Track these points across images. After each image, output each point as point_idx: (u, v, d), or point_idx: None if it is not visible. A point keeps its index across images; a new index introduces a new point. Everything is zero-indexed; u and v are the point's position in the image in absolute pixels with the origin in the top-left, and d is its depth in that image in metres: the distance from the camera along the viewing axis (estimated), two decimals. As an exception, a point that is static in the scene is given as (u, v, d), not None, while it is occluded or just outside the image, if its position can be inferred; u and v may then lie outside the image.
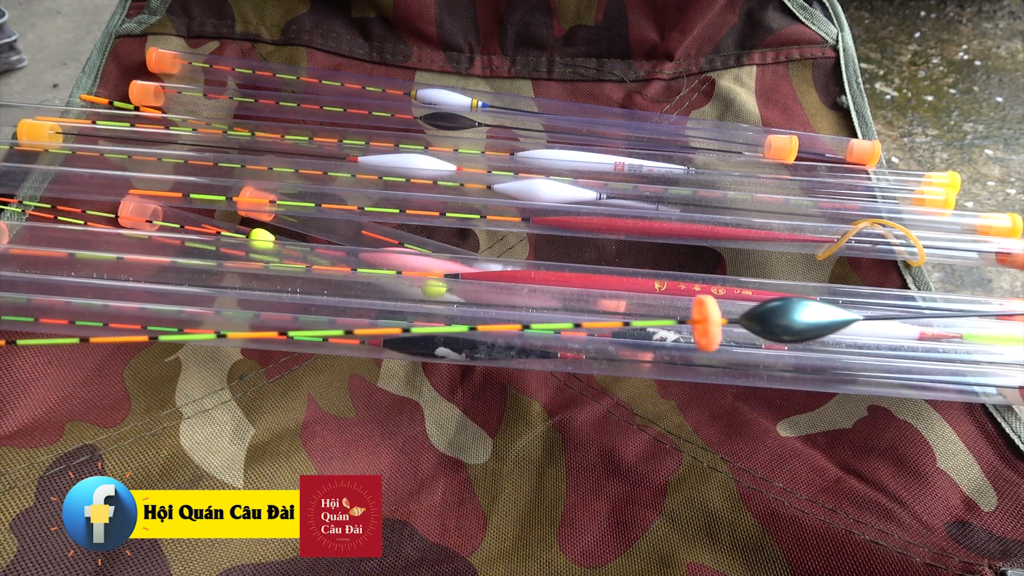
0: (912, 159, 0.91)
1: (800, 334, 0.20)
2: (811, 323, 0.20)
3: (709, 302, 0.20)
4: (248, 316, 0.33)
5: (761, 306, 0.20)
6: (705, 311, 0.20)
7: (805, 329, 0.20)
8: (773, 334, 0.20)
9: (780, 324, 0.20)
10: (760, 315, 0.20)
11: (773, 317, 0.20)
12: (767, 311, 0.20)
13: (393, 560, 0.31)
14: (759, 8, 0.50)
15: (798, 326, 0.20)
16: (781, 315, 0.20)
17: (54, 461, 0.31)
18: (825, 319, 0.20)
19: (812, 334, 0.20)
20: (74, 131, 0.42)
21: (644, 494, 0.33)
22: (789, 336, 0.20)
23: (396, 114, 0.46)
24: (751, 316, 0.20)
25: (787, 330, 0.20)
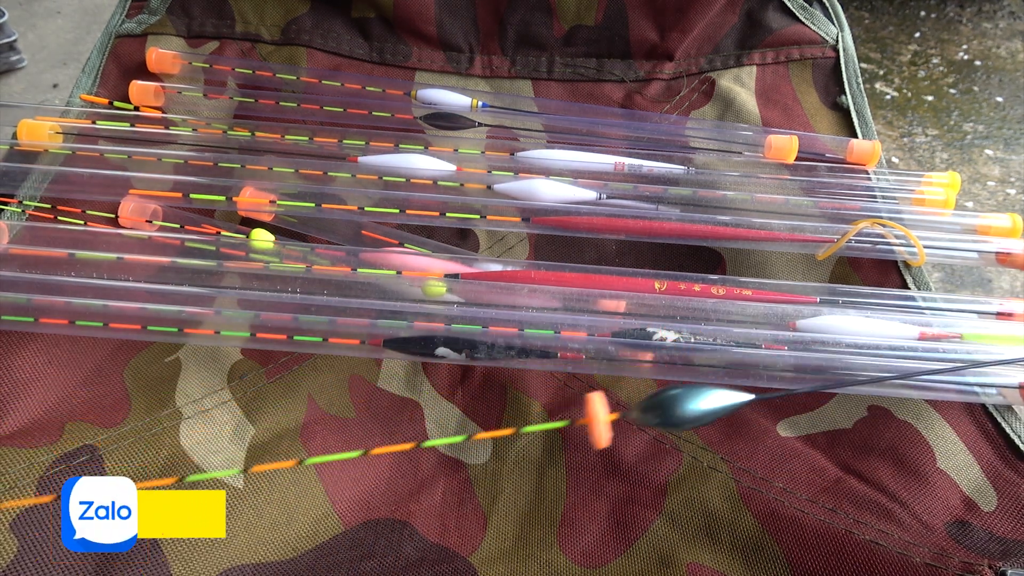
0: (912, 159, 0.91)
1: (696, 420, 0.20)
2: (706, 410, 0.20)
3: (595, 402, 0.20)
4: (248, 316, 0.33)
5: (654, 397, 0.20)
6: (592, 410, 0.19)
7: (700, 415, 0.20)
8: (672, 424, 0.20)
9: (675, 414, 0.20)
10: (654, 406, 0.20)
11: (667, 408, 0.20)
12: (660, 402, 0.20)
13: (393, 560, 0.31)
14: (759, 8, 0.50)
15: (692, 414, 0.20)
16: (675, 405, 0.20)
17: (54, 461, 0.31)
18: (719, 404, 0.20)
19: (708, 418, 0.20)
20: (74, 131, 0.42)
21: (644, 494, 0.33)
22: (686, 423, 0.20)
23: (396, 114, 0.46)
24: (645, 408, 0.20)
25: (683, 419, 0.20)
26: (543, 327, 0.32)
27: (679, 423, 0.20)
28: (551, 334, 0.32)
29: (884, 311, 0.35)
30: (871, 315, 0.34)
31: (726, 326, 0.33)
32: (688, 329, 0.32)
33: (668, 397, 0.20)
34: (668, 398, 0.20)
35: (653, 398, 0.20)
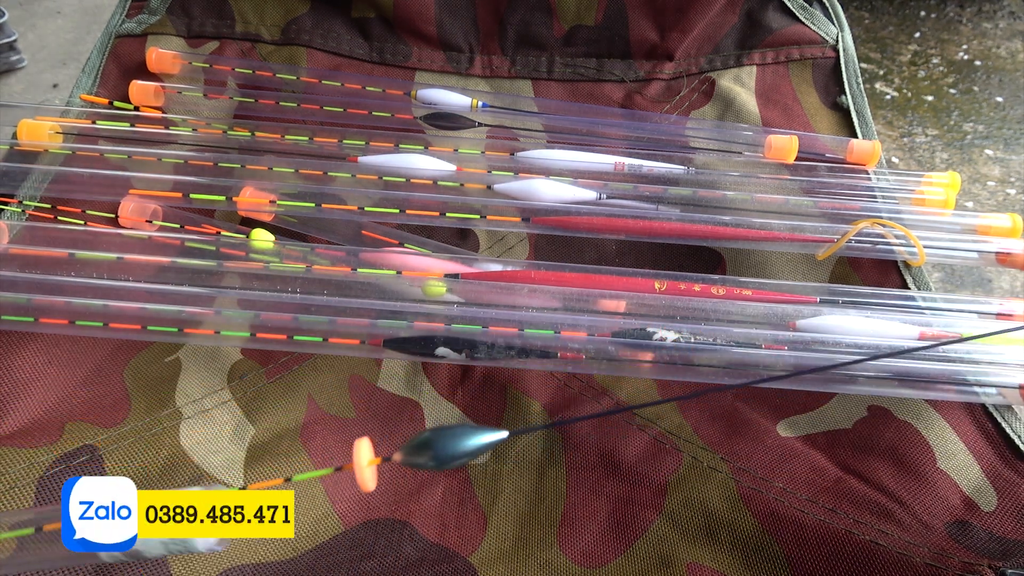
0: (912, 159, 0.91)
1: (461, 458, 0.20)
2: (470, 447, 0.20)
3: (360, 448, 0.20)
4: (248, 316, 0.33)
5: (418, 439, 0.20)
6: (356, 455, 0.20)
7: (465, 453, 0.20)
8: (440, 461, 0.20)
9: (443, 453, 0.20)
10: (420, 447, 0.20)
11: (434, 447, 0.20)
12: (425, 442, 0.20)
13: (393, 560, 0.31)
14: (759, 8, 0.50)
15: (458, 452, 0.20)
16: (440, 444, 0.20)
17: (54, 461, 0.31)
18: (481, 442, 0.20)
19: (471, 456, 0.20)
20: (74, 131, 0.42)
21: (644, 494, 0.33)
22: (452, 461, 0.20)
23: (396, 114, 0.46)
24: (410, 451, 0.20)
25: (450, 457, 0.20)
26: (543, 327, 0.32)
27: (446, 461, 0.20)
28: (551, 334, 0.32)
29: (884, 311, 0.35)
30: (871, 315, 0.34)
31: (726, 326, 0.33)
32: (688, 329, 0.32)
33: (432, 438, 0.20)
34: (432, 439, 0.20)
35: (417, 440, 0.20)
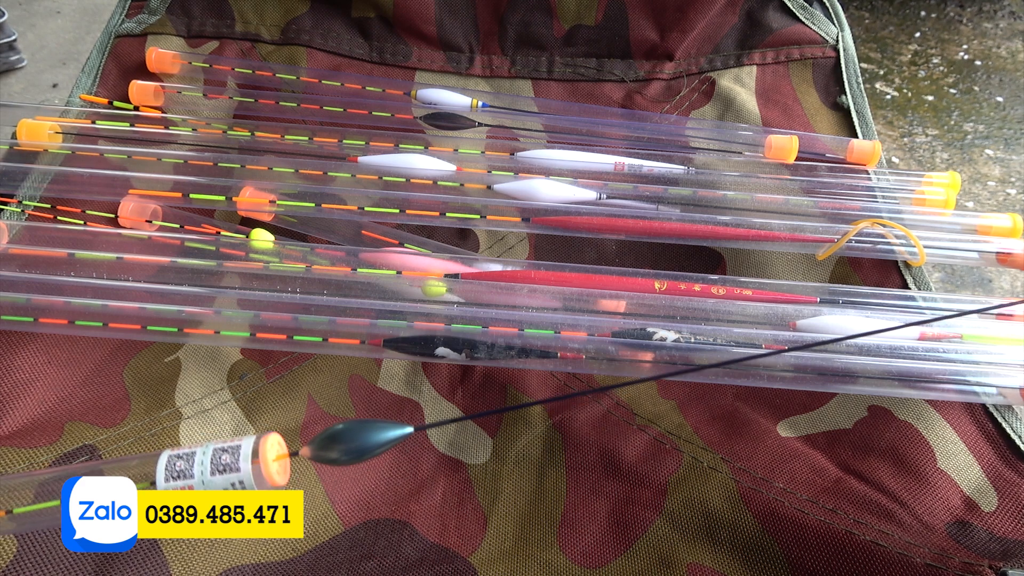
0: (912, 159, 0.91)
1: (367, 452, 0.20)
2: (376, 441, 0.20)
3: (267, 443, 0.19)
4: (248, 316, 0.33)
5: (326, 433, 0.20)
6: (262, 451, 0.19)
7: (371, 447, 0.20)
8: (350, 455, 0.20)
9: (351, 447, 0.19)
10: (329, 440, 0.20)
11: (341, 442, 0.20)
12: (333, 436, 0.20)
13: (393, 560, 0.31)
14: (759, 8, 0.50)
15: (366, 445, 0.20)
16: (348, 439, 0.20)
17: (54, 461, 0.31)
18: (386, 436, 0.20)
19: (378, 450, 0.20)
20: (74, 131, 0.42)
21: (644, 494, 0.33)
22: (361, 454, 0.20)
23: (396, 114, 0.46)
24: (320, 445, 0.20)
25: (359, 451, 0.20)
26: (543, 327, 0.32)
27: (355, 455, 0.20)
28: (551, 334, 0.32)
29: (884, 311, 0.35)
30: (871, 315, 0.34)
31: (726, 326, 0.33)
32: (688, 329, 0.32)
33: (339, 432, 0.20)
34: (340, 433, 0.20)
35: (325, 434, 0.20)
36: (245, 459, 0.18)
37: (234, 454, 0.18)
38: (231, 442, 0.18)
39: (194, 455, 0.18)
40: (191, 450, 0.18)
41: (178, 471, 0.18)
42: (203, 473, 0.18)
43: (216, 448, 0.18)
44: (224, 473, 0.18)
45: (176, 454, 0.18)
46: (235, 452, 0.18)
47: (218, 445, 0.18)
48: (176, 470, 0.18)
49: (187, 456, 0.18)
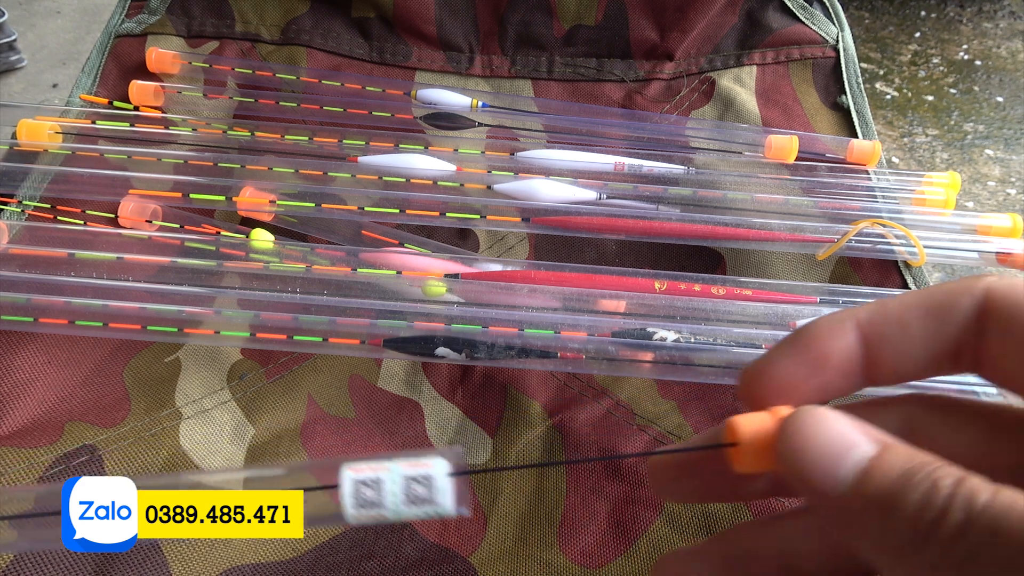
0: (912, 159, 0.91)
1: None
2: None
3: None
4: (248, 316, 0.33)
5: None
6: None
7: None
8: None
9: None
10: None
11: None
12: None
13: (393, 560, 0.31)
14: (759, 8, 0.50)
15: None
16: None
17: (54, 461, 0.31)
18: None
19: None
20: (74, 131, 0.42)
21: (644, 494, 0.33)
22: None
23: (396, 114, 0.46)
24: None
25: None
26: (543, 327, 0.32)
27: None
28: (551, 334, 0.32)
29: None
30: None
31: (726, 326, 0.33)
32: (688, 329, 0.32)
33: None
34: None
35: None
36: (443, 494, 0.16)
37: (428, 486, 0.16)
38: (418, 467, 0.17)
39: (381, 483, 0.17)
40: (376, 475, 0.17)
41: (368, 500, 0.17)
42: (396, 505, 0.17)
43: (407, 477, 0.17)
44: (419, 505, 0.17)
45: (362, 480, 0.17)
46: (428, 483, 0.17)
47: (407, 472, 0.17)
48: (366, 499, 0.17)
49: (375, 483, 0.17)
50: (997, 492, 0.13)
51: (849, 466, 0.15)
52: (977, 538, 0.13)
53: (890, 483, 0.14)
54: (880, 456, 0.15)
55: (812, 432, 0.16)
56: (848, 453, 0.15)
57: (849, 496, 0.15)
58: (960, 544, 0.13)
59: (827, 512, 0.15)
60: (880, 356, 0.17)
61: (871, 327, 0.17)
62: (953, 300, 0.17)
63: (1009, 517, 0.13)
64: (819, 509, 0.16)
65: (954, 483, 0.14)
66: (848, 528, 0.15)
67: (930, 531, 0.13)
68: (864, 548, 0.15)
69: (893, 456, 0.15)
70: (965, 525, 0.13)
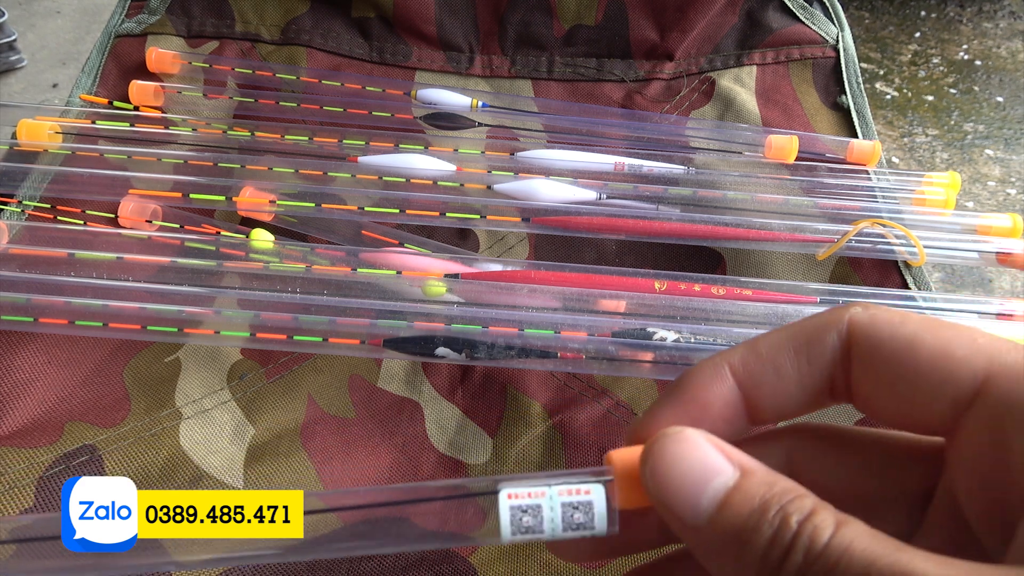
0: (912, 159, 0.91)
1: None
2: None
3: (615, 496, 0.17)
4: (248, 316, 0.33)
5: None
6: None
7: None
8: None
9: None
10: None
11: None
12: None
13: (393, 560, 0.31)
14: (759, 8, 0.50)
15: None
16: None
17: (54, 461, 0.31)
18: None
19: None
20: (74, 131, 0.42)
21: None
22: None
23: (396, 114, 0.46)
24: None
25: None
26: (543, 327, 0.32)
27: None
28: (551, 334, 0.32)
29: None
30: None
31: (726, 326, 0.33)
32: (688, 329, 0.32)
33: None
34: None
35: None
36: (601, 519, 0.16)
37: (587, 512, 0.16)
38: (577, 495, 0.17)
39: (540, 510, 0.17)
40: (535, 502, 0.17)
41: (526, 527, 0.17)
42: (554, 531, 0.17)
43: (565, 504, 0.17)
44: (576, 530, 0.17)
45: (520, 506, 0.17)
46: (588, 510, 0.16)
47: (566, 500, 0.17)
48: (524, 525, 0.17)
49: (533, 510, 0.17)
50: (840, 528, 0.14)
51: (710, 495, 0.15)
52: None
53: (745, 516, 0.14)
54: (739, 485, 0.15)
55: (674, 457, 0.15)
56: (710, 481, 0.15)
57: (707, 528, 0.15)
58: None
59: (690, 542, 0.15)
60: (758, 398, 0.17)
61: (745, 370, 0.17)
62: (819, 335, 0.17)
63: (846, 558, 0.13)
64: (683, 538, 0.16)
65: (801, 519, 0.14)
66: (709, 559, 0.15)
67: (775, 570, 0.14)
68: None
69: (751, 484, 0.15)
70: (805, 566, 0.13)
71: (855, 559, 0.13)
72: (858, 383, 0.17)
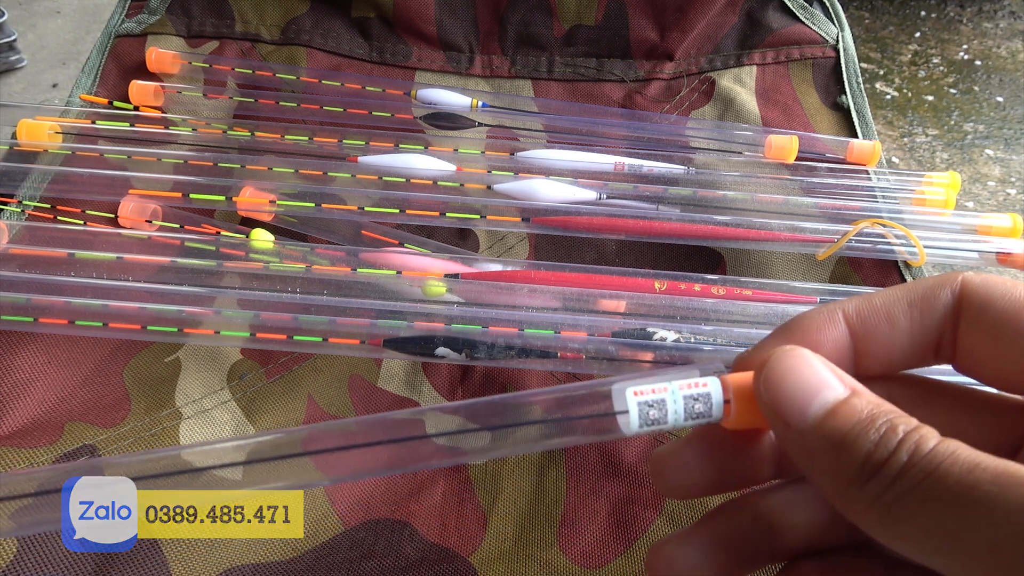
0: (912, 159, 0.91)
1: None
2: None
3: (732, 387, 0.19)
4: (248, 316, 0.33)
5: None
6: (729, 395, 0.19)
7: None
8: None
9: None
10: None
11: None
12: None
13: (393, 560, 0.31)
14: (759, 8, 0.50)
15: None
16: None
17: (54, 461, 0.31)
18: None
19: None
20: (74, 131, 0.42)
21: (644, 494, 0.33)
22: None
23: (396, 114, 0.46)
24: None
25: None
26: (543, 327, 0.32)
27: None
28: (551, 334, 0.32)
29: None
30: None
31: (726, 326, 0.33)
32: (688, 329, 0.32)
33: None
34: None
35: None
36: (718, 408, 0.18)
37: (706, 403, 0.18)
38: (696, 387, 0.18)
39: (664, 403, 0.18)
40: (659, 397, 0.18)
41: (652, 419, 0.19)
42: (677, 421, 0.18)
43: (686, 396, 0.18)
44: (696, 419, 0.18)
45: (647, 402, 0.18)
46: (707, 401, 0.18)
47: (687, 392, 0.18)
48: (651, 419, 0.19)
49: (658, 404, 0.18)
50: (946, 440, 0.14)
51: (819, 403, 0.16)
52: (914, 479, 0.14)
53: (851, 424, 0.15)
54: (847, 400, 0.16)
55: (789, 369, 0.17)
56: (820, 393, 0.16)
57: (812, 432, 0.16)
58: (898, 483, 0.14)
59: (790, 445, 0.17)
60: (868, 347, 0.18)
61: (859, 318, 0.18)
62: (934, 293, 0.18)
63: (950, 460, 0.14)
64: (784, 441, 0.17)
65: (908, 430, 0.15)
66: (809, 462, 0.16)
67: (875, 469, 0.15)
68: (816, 480, 0.16)
69: (860, 401, 0.16)
70: (907, 466, 0.14)
71: (960, 461, 0.14)
72: (964, 340, 0.18)
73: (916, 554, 0.14)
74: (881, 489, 0.15)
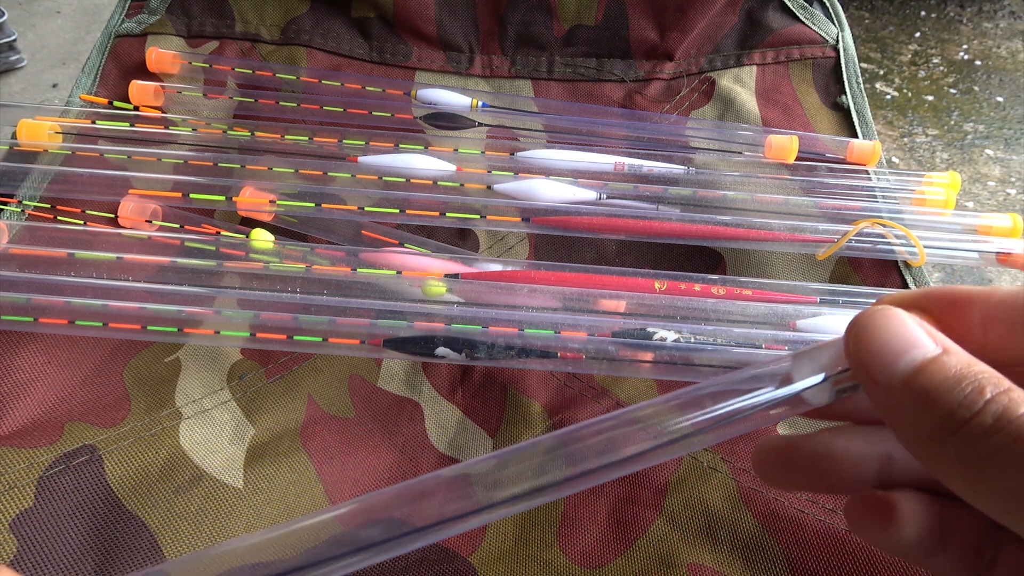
0: (912, 159, 0.91)
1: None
2: None
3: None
4: (248, 316, 0.33)
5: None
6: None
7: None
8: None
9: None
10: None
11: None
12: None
13: (393, 560, 0.31)
14: (759, 8, 0.50)
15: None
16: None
17: (54, 461, 0.31)
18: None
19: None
20: (74, 131, 0.42)
21: (644, 494, 0.33)
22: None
23: (396, 114, 0.46)
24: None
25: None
26: (543, 327, 0.32)
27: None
28: (551, 334, 0.32)
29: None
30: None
31: (726, 326, 0.33)
32: (688, 329, 0.32)
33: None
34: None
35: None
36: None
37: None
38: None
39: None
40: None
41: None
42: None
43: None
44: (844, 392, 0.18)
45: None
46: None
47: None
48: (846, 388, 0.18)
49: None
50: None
51: (908, 359, 0.16)
52: (999, 442, 0.14)
53: (939, 381, 0.15)
54: (938, 358, 0.16)
55: (880, 326, 0.17)
56: (910, 350, 0.16)
57: (899, 387, 0.16)
58: (981, 444, 0.14)
59: (879, 400, 0.17)
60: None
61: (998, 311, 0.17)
62: None
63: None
64: (871, 394, 0.17)
65: (996, 392, 0.15)
66: (895, 417, 0.16)
67: (958, 427, 0.15)
68: (901, 436, 0.16)
69: (951, 359, 0.16)
70: (992, 428, 0.14)
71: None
72: None
73: (995, 514, 0.15)
74: (962, 448, 0.14)
